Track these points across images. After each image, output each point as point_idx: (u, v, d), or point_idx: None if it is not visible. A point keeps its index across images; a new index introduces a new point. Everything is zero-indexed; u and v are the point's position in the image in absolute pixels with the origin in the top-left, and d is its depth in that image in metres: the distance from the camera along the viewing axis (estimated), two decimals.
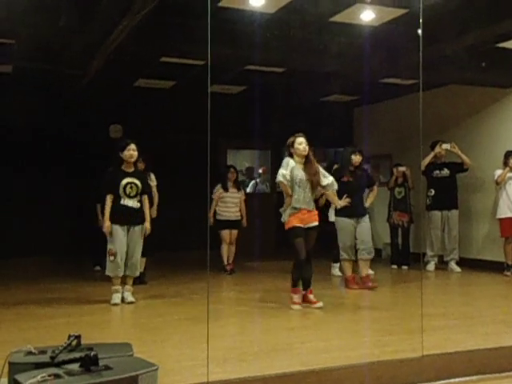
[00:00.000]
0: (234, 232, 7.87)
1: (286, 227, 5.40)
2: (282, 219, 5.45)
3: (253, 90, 8.77)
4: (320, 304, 5.33)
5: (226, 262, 7.75)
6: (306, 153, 5.45)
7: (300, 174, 5.40)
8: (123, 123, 9.12)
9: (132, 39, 5.61)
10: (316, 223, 5.44)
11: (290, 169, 5.36)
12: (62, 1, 5.21)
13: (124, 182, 5.60)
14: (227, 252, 7.80)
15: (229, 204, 7.82)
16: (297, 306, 5.33)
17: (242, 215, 7.88)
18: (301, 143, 5.44)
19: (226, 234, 7.78)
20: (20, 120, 7.95)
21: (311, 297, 5.41)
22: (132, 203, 5.62)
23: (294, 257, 5.40)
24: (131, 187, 5.62)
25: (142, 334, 4.43)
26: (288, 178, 5.34)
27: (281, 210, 5.49)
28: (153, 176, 6.85)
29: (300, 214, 5.35)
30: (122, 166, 5.70)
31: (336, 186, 5.74)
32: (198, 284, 6.50)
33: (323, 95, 9.64)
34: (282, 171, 5.37)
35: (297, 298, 5.38)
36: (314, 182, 5.42)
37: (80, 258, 8.18)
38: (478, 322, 4.81)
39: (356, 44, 6.39)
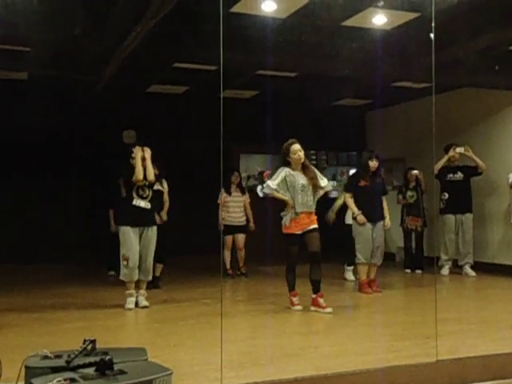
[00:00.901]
0: (240, 236, 7.81)
1: (284, 231, 5.53)
2: (283, 222, 5.55)
3: (265, 94, 8.79)
4: (329, 309, 5.32)
5: (228, 266, 7.75)
6: (302, 160, 5.56)
7: (301, 178, 5.50)
8: (137, 129, 9.19)
9: (145, 45, 5.66)
10: (315, 226, 5.51)
11: (281, 178, 5.50)
12: (76, 8, 5.27)
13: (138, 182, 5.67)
14: (229, 257, 7.78)
15: (232, 208, 7.77)
16: (298, 307, 5.46)
17: (248, 219, 7.85)
18: (295, 152, 5.54)
19: (228, 239, 7.73)
20: (35, 126, 8.03)
21: (321, 301, 5.39)
22: (144, 204, 5.69)
23: (286, 260, 5.57)
24: (143, 189, 5.69)
25: (156, 339, 4.46)
26: (274, 186, 5.49)
27: (282, 213, 5.58)
28: (165, 183, 6.89)
29: (299, 219, 5.46)
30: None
31: (330, 187, 6.03)
32: (211, 288, 6.52)
33: (335, 99, 9.64)
34: (268, 183, 5.56)
35: (296, 299, 5.51)
36: (314, 185, 5.52)
37: (94, 263, 8.25)
38: (493, 327, 4.77)
39: (368, 48, 6.38)
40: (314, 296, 5.44)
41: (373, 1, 5.39)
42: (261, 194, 10.40)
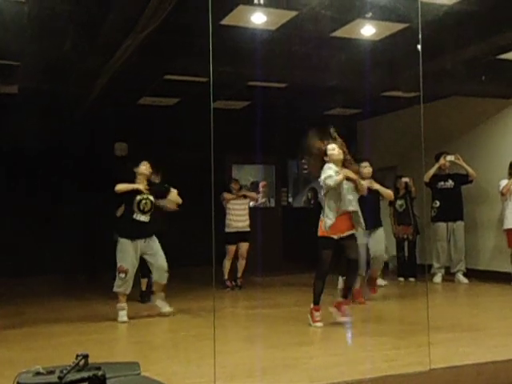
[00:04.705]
0: (244, 245, 7.67)
1: (320, 234, 5.16)
2: (321, 224, 5.16)
3: (256, 105, 8.84)
4: (346, 319, 5.19)
5: (226, 277, 7.63)
6: (343, 156, 5.25)
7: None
8: (128, 141, 9.21)
9: (136, 58, 5.69)
10: (353, 231, 5.22)
11: (333, 171, 5.13)
12: (66, 22, 5.28)
13: (138, 197, 5.67)
14: (229, 267, 7.67)
15: (238, 211, 7.68)
16: (319, 324, 5.15)
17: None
18: (333, 149, 5.25)
19: (231, 248, 7.66)
20: (26, 140, 8.02)
21: (344, 308, 5.24)
22: (144, 218, 5.70)
23: (317, 267, 5.20)
24: (145, 203, 5.70)
25: (149, 352, 4.44)
26: (334, 173, 5.09)
27: (322, 215, 5.16)
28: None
29: (338, 222, 5.08)
30: (135, 182, 5.78)
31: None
32: (205, 300, 6.51)
33: (326, 109, 9.70)
34: (329, 173, 5.08)
35: (318, 315, 5.18)
36: (355, 186, 5.21)
37: (88, 276, 8.22)
38: (486, 334, 4.79)
39: (357, 58, 6.44)
40: (339, 300, 5.26)
41: (361, 12, 5.45)
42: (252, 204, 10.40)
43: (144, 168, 5.78)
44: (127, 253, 5.59)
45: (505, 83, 7.37)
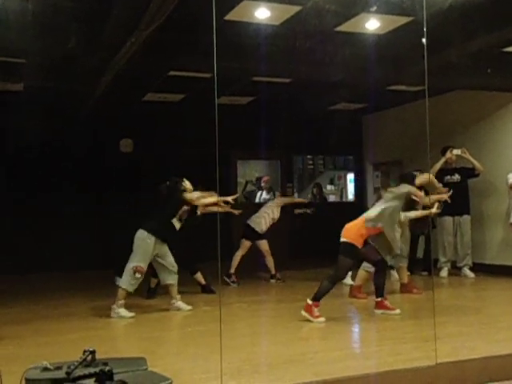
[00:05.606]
0: (262, 243, 7.71)
1: (350, 240, 5.29)
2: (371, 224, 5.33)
3: (261, 100, 8.83)
4: (398, 311, 5.37)
5: (233, 271, 7.59)
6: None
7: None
8: (134, 137, 9.23)
9: (140, 55, 5.69)
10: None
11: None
12: (70, 20, 5.29)
13: (184, 208, 6.02)
14: (237, 261, 7.62)
15: (265, 212, 7.75)
16: (321, 319, 5.18)
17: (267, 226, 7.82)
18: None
19: (246, 244, 7.67)
20: (32, 137, 8.05)
21: (387, 303, 5.42)
22: (178, 225, 6.03)
23: (334, 271, 5.31)
24: (185, 213, 6.12)
25: (156, 348, 4.46)
26: None
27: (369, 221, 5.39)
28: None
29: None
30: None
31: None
32: (211, 295, 6.53)
33: (331, 104, 9.68)
34: None
35: (317, 311, 5.24)
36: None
37: (95, 273, 8.26)
38: (493, 328, 4.78)
39: (362, 53, 6.41)
40: (378, 299, 5.41)
41: (365, 6, 5.42)
42: (257, 199, 10.40)
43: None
44: (147, 253, 5.66)
45: (511, 76, 7.31)
